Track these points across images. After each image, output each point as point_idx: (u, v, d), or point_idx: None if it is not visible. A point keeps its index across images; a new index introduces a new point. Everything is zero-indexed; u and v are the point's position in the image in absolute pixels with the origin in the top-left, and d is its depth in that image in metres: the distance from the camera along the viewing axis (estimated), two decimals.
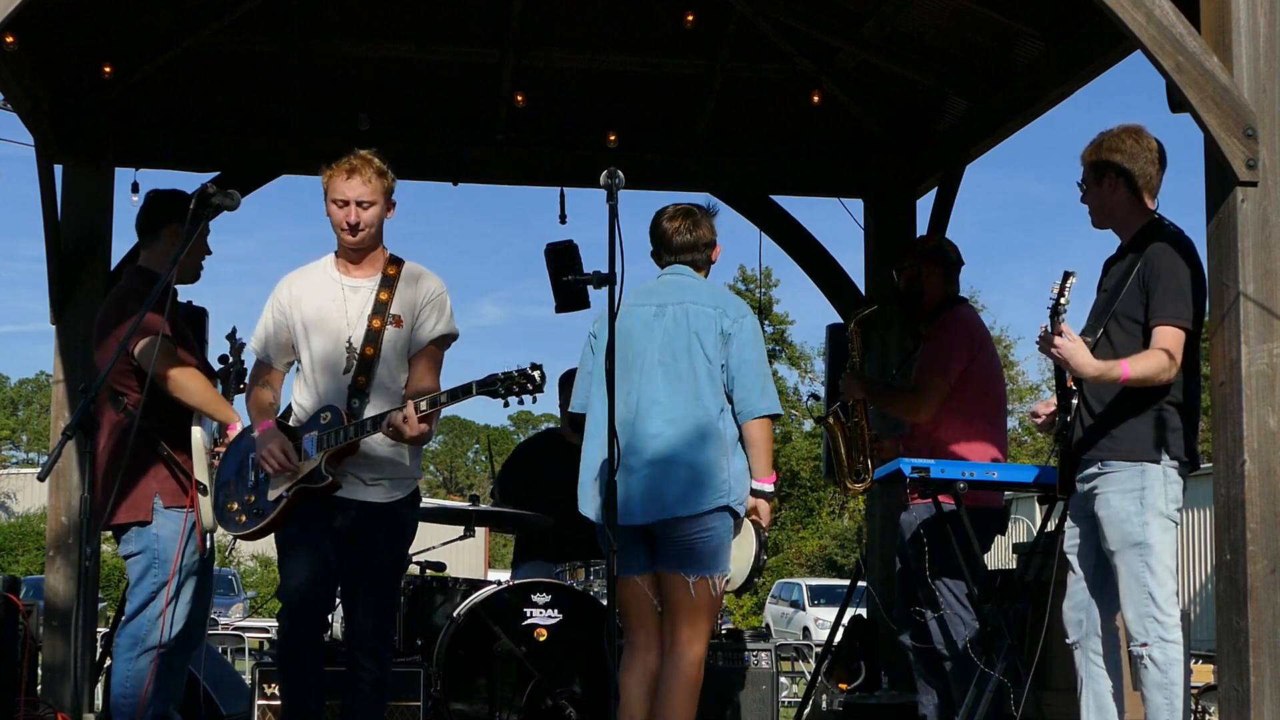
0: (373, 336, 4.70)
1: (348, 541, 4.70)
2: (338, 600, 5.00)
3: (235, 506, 4.85)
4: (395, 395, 4.71)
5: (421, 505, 6.99)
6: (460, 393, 4.54)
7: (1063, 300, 4.39)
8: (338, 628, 5.83)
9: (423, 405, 4.52)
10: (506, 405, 4.55)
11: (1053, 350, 4.41)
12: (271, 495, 4.71)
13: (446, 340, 4.85)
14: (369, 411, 4.66)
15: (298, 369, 4.85)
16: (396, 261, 4.82)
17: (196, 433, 5.12)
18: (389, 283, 4.77)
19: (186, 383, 5.07)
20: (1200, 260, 4.53)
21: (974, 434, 5.77)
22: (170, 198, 5.38)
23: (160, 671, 5.08)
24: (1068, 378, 4.67)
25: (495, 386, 4.49)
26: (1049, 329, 4.40)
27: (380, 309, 4.72)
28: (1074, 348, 4.41)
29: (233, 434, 5.04)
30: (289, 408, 4.90)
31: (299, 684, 4.75)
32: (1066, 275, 4.43)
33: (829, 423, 6.00)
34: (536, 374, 4.48)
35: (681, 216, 5.13)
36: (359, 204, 4.70)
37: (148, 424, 5.03)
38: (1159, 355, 4.41)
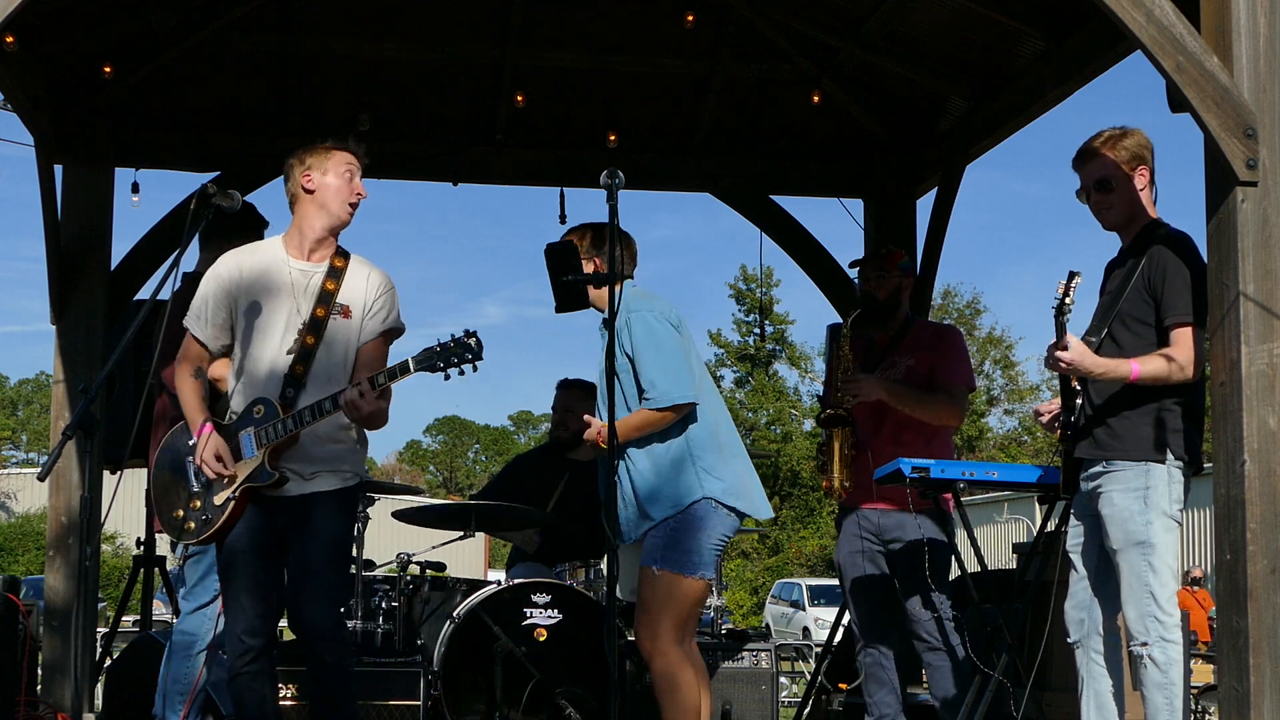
0: (316, 325, 4.59)
1: (291, 536, 4.56)
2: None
3: (181, 514, 4.64)
4: (335, 387, 4.58)
5: (423, 505, 7.01)
6: (398, 371, 4.44)
7: (1067, 300, 4.39)
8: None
9: (363, 386, 4.42)
10: (448, 378, 4.41)
11: (1059, 364, 4.41)
12: (218, 500, 4.55)
13: (395, 334, 4.77)
14: (304, 401, 4.53)
15: (234, 353, 4.68)
16: (343, 254, 4.73)
17: None
18: (336, 273, 4.66)
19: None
20: (1202, 258, 4.52)
21: (951, 445, 5.82)
22: (254, 212, 5.39)
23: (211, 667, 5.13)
24: (1071, 377, 4.66)
25: (433, 361, 4.39)
26: (1055, 339, 4.40)
27: (326, 298, 4.61)
28: (1078, 354, 4.40)
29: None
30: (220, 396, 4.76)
31: (257, 706, 4.59)
32: (1072, 275, 4.42)
33: (831, 431, 5.93)
34: (473, 340, 4.39)
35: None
36: (361, 183, 4.73)
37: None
38: (1170, 355, 4.41)
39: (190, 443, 4.60)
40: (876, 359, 5.96)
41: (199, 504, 4.59)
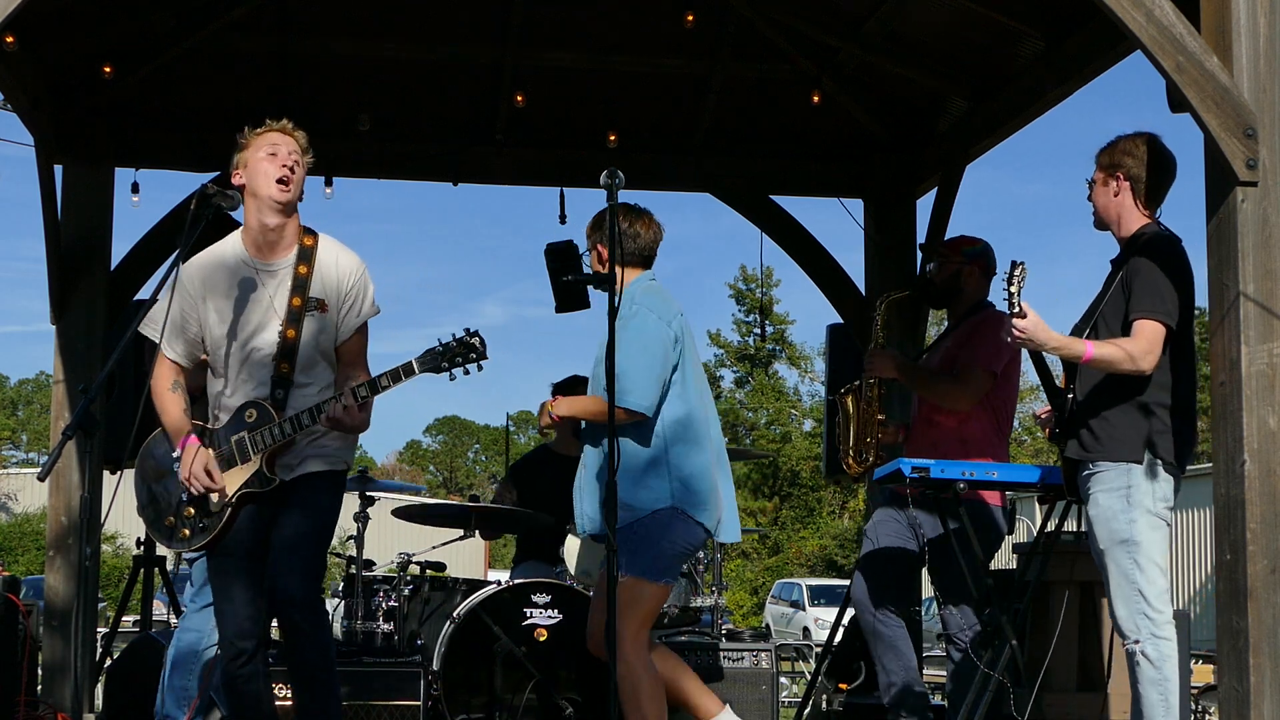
0: (294, 317, 4.49)
1: (273, 528, 4.49)
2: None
3: (173, 521, 4.56)
4: (322, 379, 4.54)
5: (422, 505, 7.01)
6: (402, 373, 4.37)
7: (1013, 289, 4.42)
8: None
9: (362, 392, 4.36)
10: (453, 378, 4.35)
11: (1016, 334, 4.43)
12: (214, 506, 4.47)
13: (371, 316, 4.68)
14: (295, 399, 4.48)
15: (211, 360, 4.59)
16: (311, 233, 4.61)
17: None
18: (306, 255, 4.56)
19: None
20: (1185, 260, 4.55)
21: (996, 429, 5.80)
22: (229, 219, 5.37)
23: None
24: (1059, 379, 4.70)
25: (437, 362, 4.32)
26: (1009, 321, 4.43)
27: (300, 285, 4.51)
28: (1033, 326, 4.43)
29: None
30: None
31: (252, 708, 4.54)
32: (1014, 265, 4.46)
33: (844, 398, 5.99)
34: (476, 340, 4.33)
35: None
36: (290, 154, 4.57)
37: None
38: (1125, 344, 4.44)
39: (175, 455, 4.52)
40: (940, 343, 6.03)
41: (193, 511, 4.52)
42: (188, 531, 4.53)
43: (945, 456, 5.29)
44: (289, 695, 5.59)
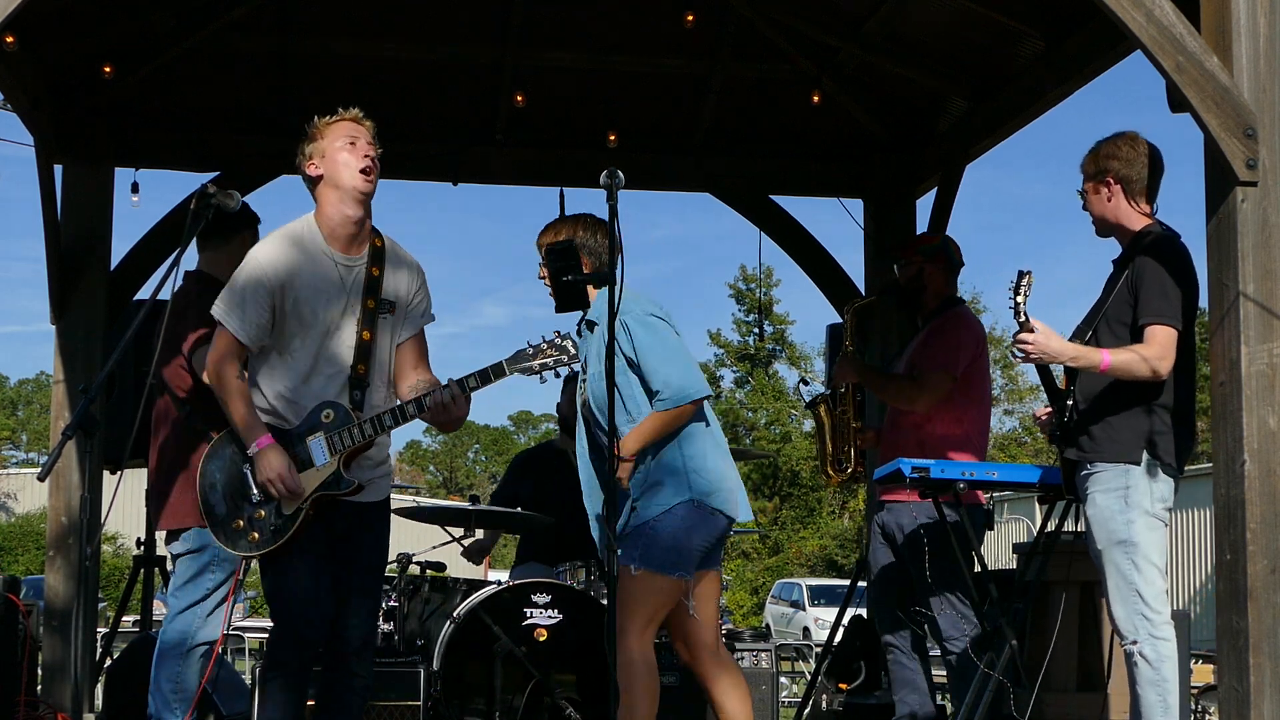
0: (370, 319, 4.45)
1: (341, 544, 4.48)
2: None
3: (242, 524, 4.44)
4: (387, 382, 4.51)
5: (421, 505, 6.99)
6: (492, 374, 4.35)
7: (1019, 299, 4.42)
8: None
9: (472, 383, 4.33)
10: (543, 381, 4.34)
11: (1027, 348, 4.43)
12: (288, 508, 4.38)
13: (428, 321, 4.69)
14: (369, 401, 4.44)
15: (277, 352, 4.47)
16: (379, 234, 4.57)
17: None
18: (377, 256, 4.51)
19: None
20: (1189, 261, 4.55)
21: (960, 433, 5.80)
22: (247, 209, 5.34)
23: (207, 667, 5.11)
24: (1059, 380, 4.70)
25: (529, 363, 4.31)
26: (1017, 333, 4.44)
27: (374, 287, 4.47)
28: (1045, 338, 4.44)
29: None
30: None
31: (299, 698, 4.49)
32: (1021, 274, 4.47)
33: (818, 410, 6.06)
34: (568, 344, 4.32)
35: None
36: (368, 144, 4.52)
37: (210, 427, 4.74)
38: (1141, 350, 4.45)
39: (250, 452, 4.41)
40: (909, 344, 6.08)
41: (264, 513, 4.42)
42: (258, 535, 4.43)
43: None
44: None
